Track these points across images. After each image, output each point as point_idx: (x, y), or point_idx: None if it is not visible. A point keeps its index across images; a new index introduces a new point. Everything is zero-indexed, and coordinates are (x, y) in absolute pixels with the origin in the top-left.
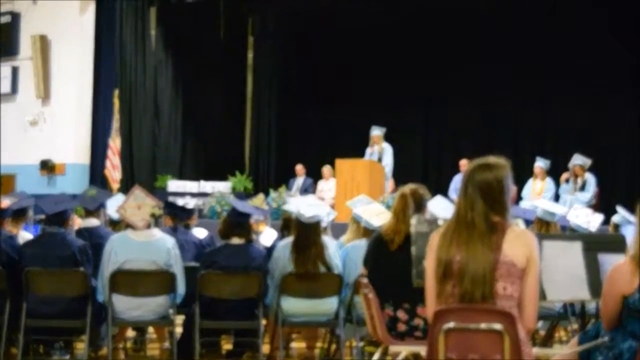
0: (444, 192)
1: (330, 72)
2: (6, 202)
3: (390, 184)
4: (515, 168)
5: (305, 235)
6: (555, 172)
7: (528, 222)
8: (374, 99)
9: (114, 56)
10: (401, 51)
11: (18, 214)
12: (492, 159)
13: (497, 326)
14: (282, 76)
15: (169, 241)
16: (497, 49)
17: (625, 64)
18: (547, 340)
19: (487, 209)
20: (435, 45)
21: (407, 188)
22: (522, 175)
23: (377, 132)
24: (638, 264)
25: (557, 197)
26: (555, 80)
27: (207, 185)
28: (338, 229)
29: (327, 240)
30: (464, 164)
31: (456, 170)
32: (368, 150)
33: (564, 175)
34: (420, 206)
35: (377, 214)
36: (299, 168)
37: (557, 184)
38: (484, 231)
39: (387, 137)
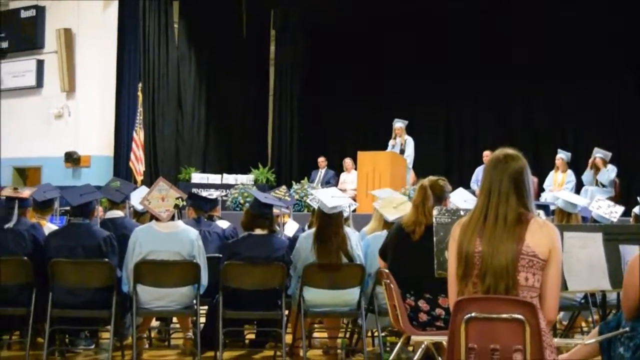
0: (466, 184)
1: (353, 65)
2: (27, 192)
3: (411, 175)
4: (536, 160)
5: (327, 226)
6: (576, 165)
7: (548, 213)
8: (397, 92)
9: (138, 50)
10: (423, 45)
11: (44, 206)
12: (511, 150)
13: (519, 316)
14: (304, 69)
15: (193, 232)
16: (517, 44)
17: None
18: (569, 331)
19: (517, 200)
20: (457, 40)
21: (427, 180)
22: (544, 167)
23: (399, 124)
24: None
25: (579, 188)
26: (575, 71)
27: (230, 178)
28: (360, 220)
29: (349, 231)
30: (487, 155)
31: (478, 162)
32: (391, 143)
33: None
34: (440, 198)
35: (396, 206)
36: (321, 160)
37: (579, 175)
38: (513, 223)
39: (410, 131)
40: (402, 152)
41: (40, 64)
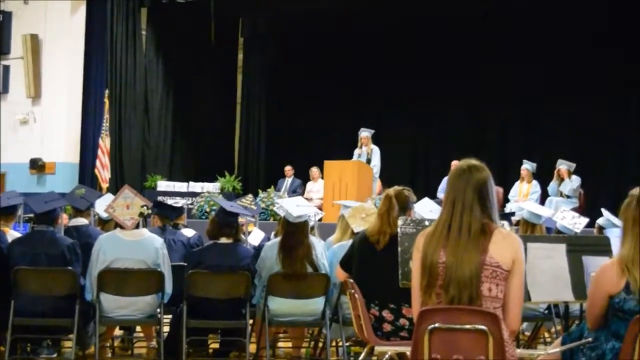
0: (432, 194)
1: (320, 74)
2: None
3: (377, 185)
4: (504, 170)
5: (292, 235)
6: (541, 175)
7: (511, 222)
8: (363, 102)
9: (105, 56)
10: (390, 54)
11: (7, 212)
12: (475, 161)
13: (482, 326)
14: (272, 77)
15: (158, 241)
16: (486, 51)
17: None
18: (532, 341)
19: (481, 211)
20: (423, 48)
21: (392, 190)
22: (509, 178)
23: (365, 133)
24: (624, 264)
25: (544, 198)
26: (543, 83)
27: (196, 186)
28: (326, 230)
29: (315, 240)
30: (455, 164)
31: (446, 171)
32: (356, 152)
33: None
34: (405, 208)
35: (364, 217)
36: (288, 169)
37: (543, 186)
38: (477, 234)
39: (376, 140)
40: (368, 161)
41: (5, 70)
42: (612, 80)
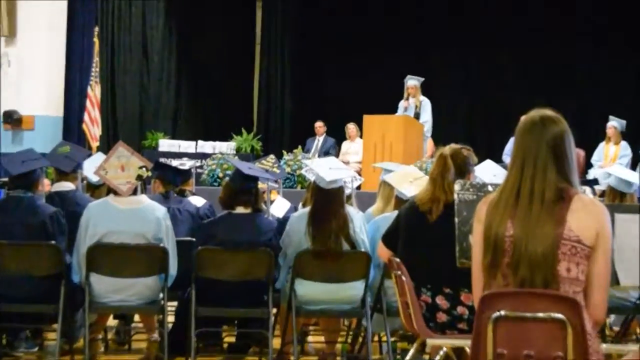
0: (496, 157)
1: (356, 11)
2: None
3: (429, 145)
4: (583, 130)
5: (325, 204)
6: (631, 135)
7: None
8: (408, 44)
9: None
10: None
11: None
12: (549, 111)
13: (559, 315)
14: (299, 11)
15: (160, 210)
16: None
17: None
18: (621, 338)
19: (558, 174)
20: None
21: (447, 148)
22: (592, 139)
23: (413, 82)
24: None
25: (635, 162)
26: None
27: (206, 145)
28: (365, 199)
29: (352, 211)
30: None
31: (511, 131)
32: (402, 104)
33: None
34: (463, 170)
35: (412, 180)
36: (319, 126)
37: (635, 148)
38: (552, 201)
39: (426, 90)
40: (417, 116)
41: None
42: None
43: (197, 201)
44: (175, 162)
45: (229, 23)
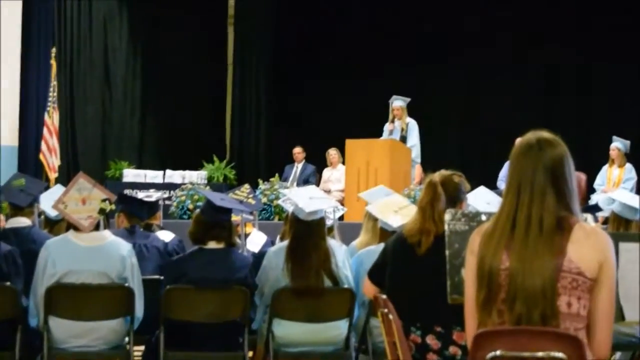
0: (490, 183)
1: (338, 25)
2: None
3: (417, 171)
4: (586, 152)
5: (304, 237)
6: (636, 157)
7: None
8: (395, 62)
9: (51, 3)
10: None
11: None
12: (547, 133)
13: (559, 354)
14: (275, 29)
15: (124, 246)
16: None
17: None
18: None
19: (557, 200)
20: None
21: (437, 175)
22: (595, 161)
23: (399, 102)
24: None
25: None
26: None
27: (175, 175)
28: (349, 231)
29: (334, 244)
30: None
31: (507, 154)
32: (387, 127)
33: None
34: (455, 199)
35: (398, 210)
36: (298, 152)
37: None
38: (551, 230)
39: (413, 112)
40: (402, 139)
41: None
42: None
43: (165, 236)
44: (141, 194)
45: (198, 43)
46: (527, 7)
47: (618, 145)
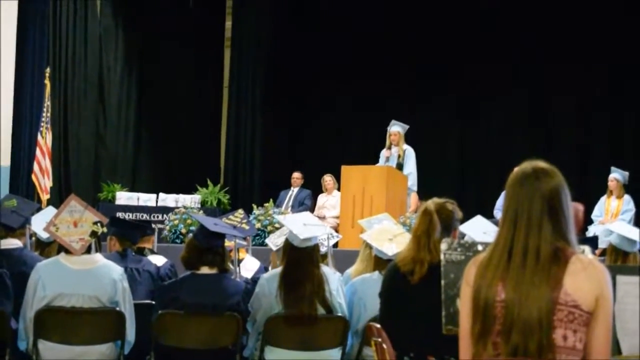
0: (487, 212)
1: (335, 48)
2: None
3: (413, 199)
4: (584, 183)
5: (298, 264)
6: (635, 188)
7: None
8: (392, 88)
9: (46, 21)
10: (429, 27)
11: None
12: (543, 163)
13: None
14: (271, 55)
15: (116, 270)
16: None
17: None
18: None
19: (553, 231)
20: (475, 23)
21: (432, 203)
22: (593, 192)
23: (396, 128)
24: None
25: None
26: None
27: (168, 199)
28: (343, 258)
29: (328, 272)
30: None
31: (503, 183)
32: (384, 154)
33: None
34: (448, 227)
35: (393, 238)
36: (297, 177)
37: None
38: (547, 261)
39: (410, 139)
40: (399, 166)
41: None
42: None
43: (158, 260)
44: (133, 217)
45: (194, 64)
46: (525, 37)
47: (616, 176)
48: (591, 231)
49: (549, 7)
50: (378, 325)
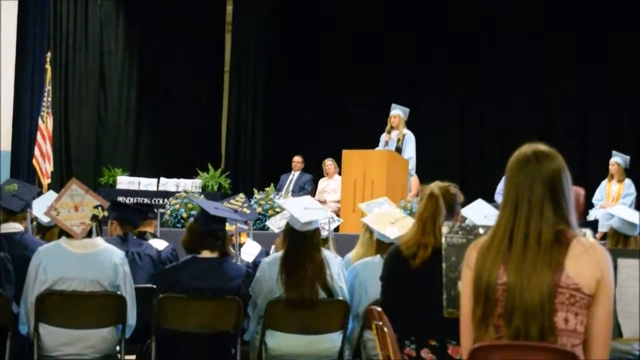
0: (488, 196)
1: (336, 33)
2: None
3: (414, 182)
4: (584, 167)
5: (299, 248)
6: (636, 172)
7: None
8: (393, 73)
9: (47, 6)
10: (431, 10)
11: None
12: (543, 146)
13: None
14: (272, 38)
15: (117, 254)
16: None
17: None
18: None
19: (554, 214)
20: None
21: (436, 187)
22: (594, 176)
23: (397, 111)
24: None
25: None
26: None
27: (169, 183)
28: (344, 242)
29: (329, 255)
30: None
31: (503, 168)
32: (383, 138)
33: None
34: (452, 211)
35: (395, 222)
36: (298, 161)
37: None
38: (549, 244)
39: (411, 124)
40: (397, 150)
41: None
42: None
43: (159, 244)
44: (134, 202)
45: (195, 48)
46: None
47: (617, 160)
48: (592, 215)
49: (549, 7)
50: (379, 309)
